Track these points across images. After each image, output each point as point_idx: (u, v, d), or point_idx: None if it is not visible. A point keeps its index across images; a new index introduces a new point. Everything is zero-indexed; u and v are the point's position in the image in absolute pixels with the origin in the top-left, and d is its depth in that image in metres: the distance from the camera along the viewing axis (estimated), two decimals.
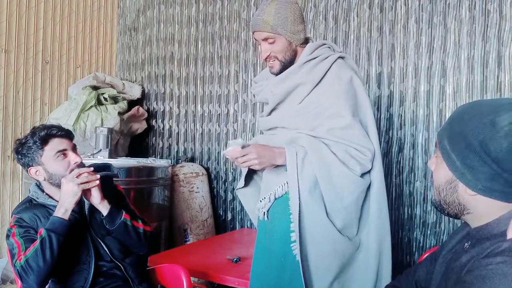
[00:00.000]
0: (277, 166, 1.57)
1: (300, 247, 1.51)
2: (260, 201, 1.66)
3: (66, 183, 1.49)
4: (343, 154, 1.53)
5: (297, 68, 1.60)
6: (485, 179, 0.84)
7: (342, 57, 1.63)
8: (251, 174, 1.83)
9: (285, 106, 1.64)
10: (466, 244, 0.94)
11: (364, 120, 1.60)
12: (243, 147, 1.53)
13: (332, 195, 1.53)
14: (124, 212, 1.62)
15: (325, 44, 1.66)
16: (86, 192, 1.54)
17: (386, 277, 1.59)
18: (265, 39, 1.58)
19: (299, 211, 1.51)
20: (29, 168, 1.58)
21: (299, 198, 1.51)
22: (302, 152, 1.53)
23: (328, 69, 1.58)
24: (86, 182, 1.51)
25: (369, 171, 1.58)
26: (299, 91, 1.59)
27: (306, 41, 1.65)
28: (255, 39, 1.64)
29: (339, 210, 1.54)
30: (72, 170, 1.54)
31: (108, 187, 1.63)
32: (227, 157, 1.58)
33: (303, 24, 1.63)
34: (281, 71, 1.63)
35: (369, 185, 1.60)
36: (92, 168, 1.58)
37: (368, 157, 1.55)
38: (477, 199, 0.88)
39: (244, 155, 1.52)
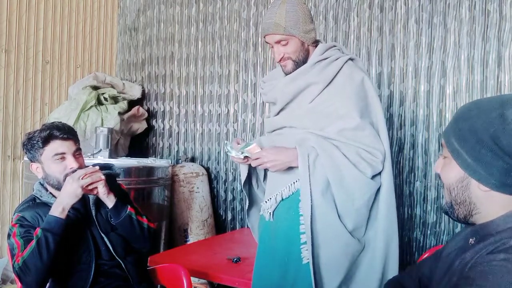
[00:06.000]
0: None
1: (311, 249, 1.50)
2: (265, 202, 1.66)
3: (71, 183, 1.48)
4: (354, 157, 1.52)
5: (308, 67, 1.60)
6: (499, 174, 0.84)
7: (352, 59, 1.64)
8: (251, 190, 1.85)
9: (295, 105, 1.64)
10: (471, 239, 0.93)
11: (375, 122, 1.60)
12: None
13: (344, 198, 1.52)
14: (129, 206, 1.63)
15: (335, 46, 1.67)
16: (91, 189, 1.54)
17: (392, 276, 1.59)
18: (278, 42, 1.58)
19: (311, 213, 1.50)
20: (31, 164, 1.61)
21: (311, 200, 1.50)
22: (314, 154, 1.52)
23: (339, 70, 1.59)
24: (90, 184, 1.51)
25: (379, 173, 1.58)
26: (310, 91, 1.59)
27: (316, 41, 1.66)
28: (267, 43, 1.63)
29: (350, 212, 1.54)
30: (67, 175, 1.53)
31: (112, 186, 1.64)
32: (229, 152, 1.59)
33: (313, 23, 1.63)
34: (294, 70, 1.62)
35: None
36: (97, 168, 1.57)
37: (379, 159, 1.54)
38: (488, 196, 0.87)
39: (256, 158, 1.54)
